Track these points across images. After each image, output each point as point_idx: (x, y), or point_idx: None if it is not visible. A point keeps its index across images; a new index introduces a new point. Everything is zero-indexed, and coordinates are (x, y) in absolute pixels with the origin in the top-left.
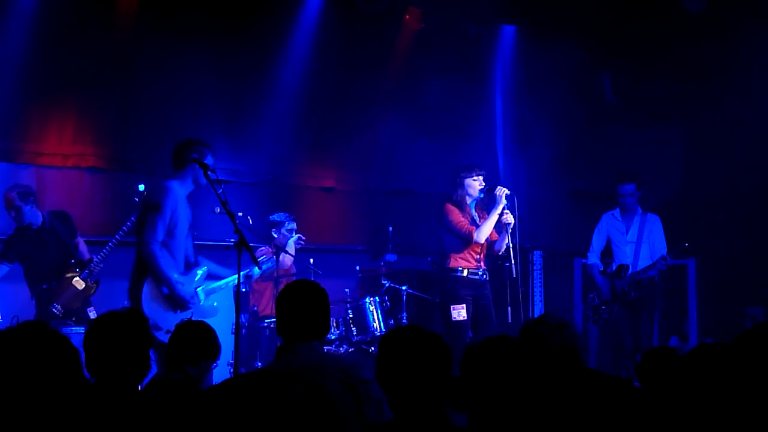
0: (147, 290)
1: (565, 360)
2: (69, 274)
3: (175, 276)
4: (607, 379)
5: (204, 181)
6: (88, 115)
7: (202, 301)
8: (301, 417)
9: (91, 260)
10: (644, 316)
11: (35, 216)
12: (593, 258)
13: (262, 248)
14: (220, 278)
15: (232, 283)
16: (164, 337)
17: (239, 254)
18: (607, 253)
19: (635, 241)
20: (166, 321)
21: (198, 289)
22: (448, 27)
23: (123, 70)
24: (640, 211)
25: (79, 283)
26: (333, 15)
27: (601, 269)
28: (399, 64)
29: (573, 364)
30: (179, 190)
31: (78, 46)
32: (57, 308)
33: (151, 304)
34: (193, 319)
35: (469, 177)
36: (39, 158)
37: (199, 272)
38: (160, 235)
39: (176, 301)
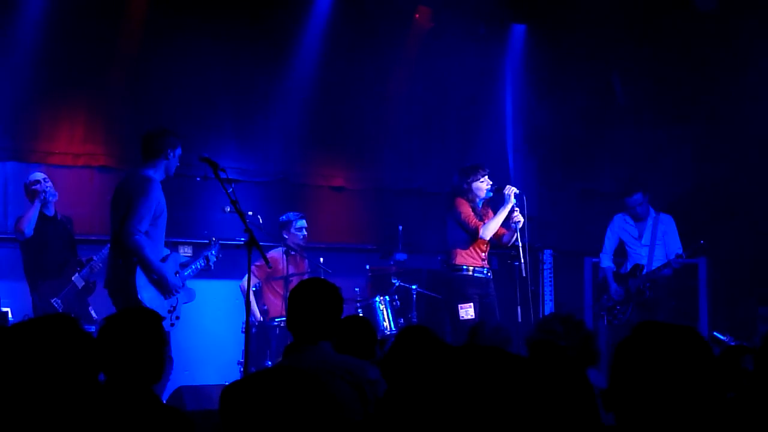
0: (140, 279)
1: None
2: (70, 272)
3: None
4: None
5: (173, 172)
6: (98, 115)
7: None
8: (315, 414)
9: (91, 259)
10: (659, 315)
11: (51, 205)
12: (606, 260)
13: (274, 251)
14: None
15: (198, 267)
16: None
17: (249, 253)
18: (620, 253)
19: (649, 244)
20: (161, 309)
21: (175, 274)
22: (458, 26)
23: (133, 70)
24: (653, 213)
25: (79, 281)
26: (343, 14)
27: (615, 270)
28: (409, 64)
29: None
30: (158, 180)
31: (88, 45)
32: (57, 303)
33: (145, 293)
34: (177, 304)
35: (475, 180)
36: (50, 157)
37: (172, 259)
38: (145, 225)
39: (165, 287)
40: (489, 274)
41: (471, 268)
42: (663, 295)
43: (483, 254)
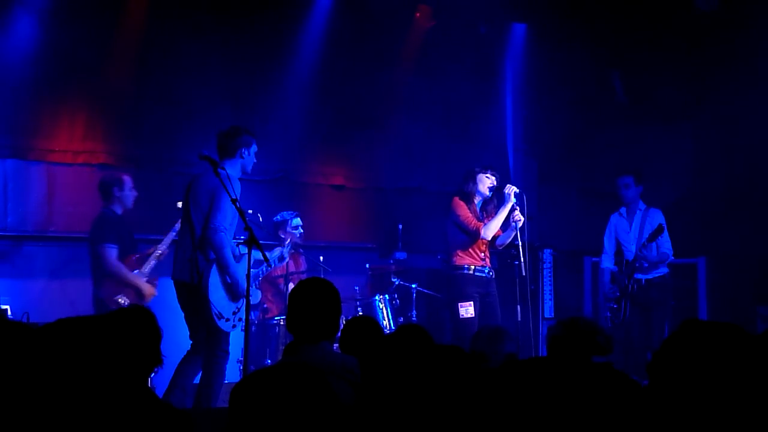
0: (213, 278)
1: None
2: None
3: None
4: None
5: (250, 169)
6: (98, 112)
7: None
8: (323, 410)
9: (151, 253)
10: (655, 315)
11: (120, 206)
12: (606, 261)
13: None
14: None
15: (267, 269)
16: (225, 326)
17: (249, 251)
18: (620, 254)
19: (637, 237)
20: (227, 310)
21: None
22: (459, 25)
23: (133, 67)
24: (643, 207)
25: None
26: (343, 12)
27: (615, 271)
28: (409, 62)
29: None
30: (237, 178)
31: (88, 42)
32: (123, 299)
33: (216, 293)
34: (242, 305)
35: (482, 173)
36: (49, 155)
37: (245, 260)
38: (228, 222)
39: (236, 291)
40: (490, 273)
41: (472, 267)
42: (660, 295)
43: (482, 254)
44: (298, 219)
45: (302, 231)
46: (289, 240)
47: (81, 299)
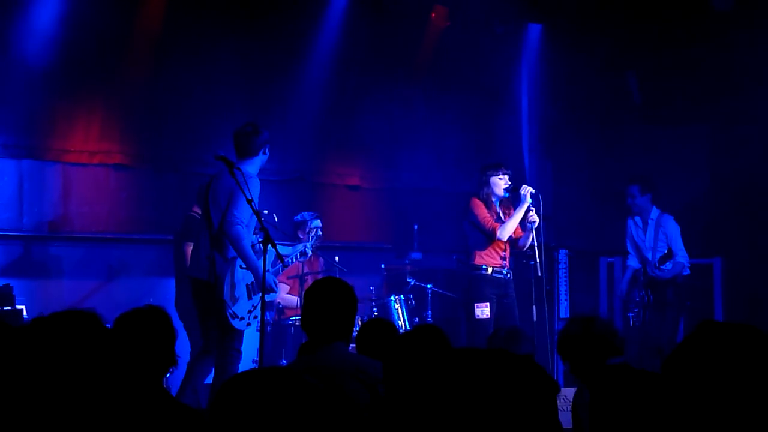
0: (230, 277)
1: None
2: None
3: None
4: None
5: (262, 166)
6: (114, 113)
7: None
8: (312, 413)
9: None
10: (669, 315)
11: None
12: (631, 260)
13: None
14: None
15: (292, 261)
16: (240, 325)
17: (265, 251)
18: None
19: (652, 246)
20: (242, 309)
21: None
22: (474, 25)
23: (149, 68)
24: (655, 215)
25: None
26: (359, 13)
27: (639, 269)
28: (425, 63)
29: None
30: (256, 175)
31: (104, 43)
32: None
33: (232, 293)
34: (258, 303)
35: (495, 175)
36: (65, 155)
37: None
38: (246, 217)
39: (257, 284)
40: (509, 275)
41: (490, 268)
42: (676, 296)
43: (502, 253)
44: (318, 221)
45: (321, 233)
46: (314, 232)
47: (97, 300)
